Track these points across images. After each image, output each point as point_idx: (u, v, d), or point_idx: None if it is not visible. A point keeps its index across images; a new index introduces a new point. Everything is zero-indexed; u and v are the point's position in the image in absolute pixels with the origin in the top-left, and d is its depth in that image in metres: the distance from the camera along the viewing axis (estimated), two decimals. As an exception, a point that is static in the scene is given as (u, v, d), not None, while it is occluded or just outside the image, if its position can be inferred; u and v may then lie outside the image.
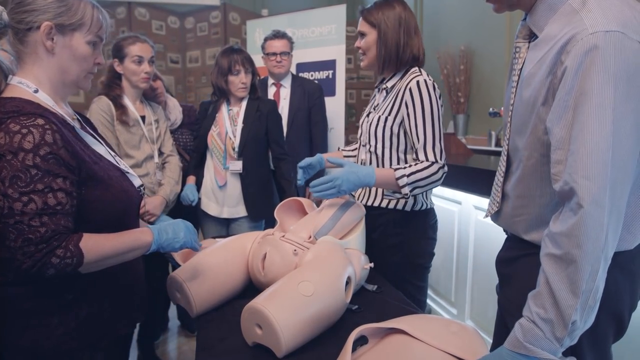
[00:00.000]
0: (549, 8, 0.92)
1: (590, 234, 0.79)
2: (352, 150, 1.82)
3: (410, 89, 1.44)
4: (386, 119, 1.50)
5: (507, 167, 1.08)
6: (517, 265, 1.06)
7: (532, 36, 0.99)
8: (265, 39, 2.59)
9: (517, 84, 1.01)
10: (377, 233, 1.57)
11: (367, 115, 1.62)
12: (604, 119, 0.78)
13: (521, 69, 1.00)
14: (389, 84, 1.55)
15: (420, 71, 1.49)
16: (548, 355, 0.82)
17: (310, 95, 2.66)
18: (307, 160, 1.57)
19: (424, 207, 1.55)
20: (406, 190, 1.39)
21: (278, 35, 2.56)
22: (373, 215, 1.55)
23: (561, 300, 0.81)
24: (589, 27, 0.80)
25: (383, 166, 1.53)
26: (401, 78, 1.53)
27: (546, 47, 0.90)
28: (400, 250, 1.54)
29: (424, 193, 1.53)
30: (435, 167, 1.41)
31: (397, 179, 1.38)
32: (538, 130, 0.93)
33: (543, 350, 0.82)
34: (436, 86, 1.46)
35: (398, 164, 1.52)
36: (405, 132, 1.49)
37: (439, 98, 1.46)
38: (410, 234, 1.54)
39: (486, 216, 1.18)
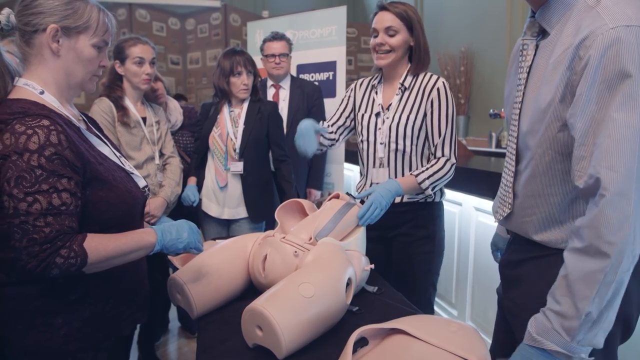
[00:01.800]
0: (563, 4, 0.90)
1: (613, 224, 0.77)
2: (333, 133, 1.75)
3: (438, 89, 1.53)
4: (415, 117, 1.55)
5: (515, 166, 1.06)
6: (524, 268, 1.05)
7: (540, 33, 0.98)
8: (264, 41, 2.59)
9: (526, 81, 1.00)
10: (404, 228, 1.62)
11: (376, 115, 1.61)
12: (631, 110, 0.76)
13: (530, 66, 0.99)
14: (406, 83, 1.58)
15: (429, 73, 1.59)
16: (555, 347, 0.82)
17: (309, 97, 2.66)
18: (301, 133, 1.51)
19: (442, 198, 1.67)
20: (429, 191, 1.53)
21: (277, 36, 2.56)
22: (397, 212, 1.57)
23: (576, 292, 0.80)
24: (609, 22, 0.79)
25: (410, 162, 1.60)
26: (415, 78, 1.58)
27: (562, 44, 0.88)
28: (431, 240, 1.62)
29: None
30: (448, 165, 1.53)
31: (420, 183, 1.50)
32: (553, 127, 0.91)
33: (552, 342, 0.82)
34: None
35: (421, 159, 1.60)
36: (425, 129, 1.57)
37: None
38: (437, 223, 1.65)
39: (497, 220, 1.15)
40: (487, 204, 2.07)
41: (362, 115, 1.67)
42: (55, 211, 0.88)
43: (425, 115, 1.55)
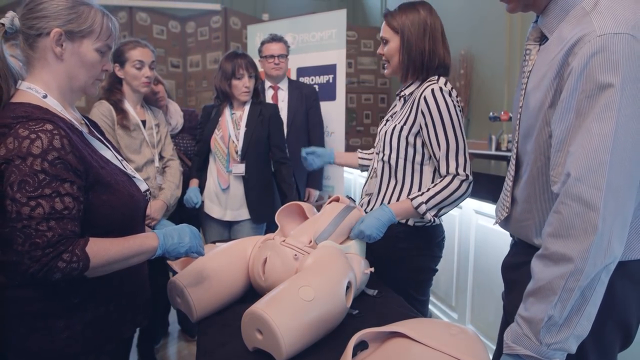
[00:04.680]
0: (561, 10, 0.90)
1: (576, 232, 0.78)
2: (369, 154, 1.81)
3: (425, 98, 1.37)
4: (402, 128, 1.43)
5: (516, 171, 1.07)
6: (523, 271, 1.05)
7: (542, 39, 0.98)
8: (263, 43, 2.66)
9: (526, 86, 1.00)
10: (378, 244, 1.45)
11: (385, 123, 1.56)
12: (607, 121, 0.76)
13: (531, 71, 0.99)
14: (407, 92, 1.48)
15: (437, 79, 1.42)
16: (527, 351, 0.83)
17: (307, 98, 2.73)
18: (312, 147, 1.63)
19: (429, 224, 1.47)
20: (429, 216, 1.36)
21: (275, 38, 2.62)
22: None
23: (541, 298, 0.81)
24: (597, 29, 0.79)
25: (396, 176, 1.48)
26: (419, 86, 1.45)
27: (555, 49, 0.89)
28: (404, 265, 1.49)
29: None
30: (456, 182, 1.35)
31: (416, 208, 1.36)
32: (544, 133, 0.92)
33: (524, 348, 0.83)
34: (454, 93, 1.40)
35: (412, 175, 1.46)
36: (423, 143, 1.42)
37: (458, 104, 1.40)
38: (414, 250, 1.49)
39: (495, 223, 1.16)
40: (487, 207, 2.07)
41: (381, 121, 1.62)
42: (58, 215, 0.88)
43: (420, 129, 1.40)
